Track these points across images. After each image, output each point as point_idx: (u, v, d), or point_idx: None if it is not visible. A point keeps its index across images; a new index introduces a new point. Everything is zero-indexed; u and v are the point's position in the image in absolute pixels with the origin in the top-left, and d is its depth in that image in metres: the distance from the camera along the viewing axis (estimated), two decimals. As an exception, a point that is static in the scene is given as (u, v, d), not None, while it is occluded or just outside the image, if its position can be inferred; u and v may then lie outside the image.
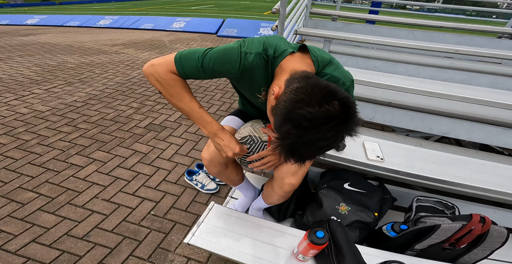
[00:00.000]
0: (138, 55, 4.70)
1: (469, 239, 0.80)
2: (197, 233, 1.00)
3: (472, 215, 0.81)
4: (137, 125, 2.32)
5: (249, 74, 0.72)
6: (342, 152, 1.22)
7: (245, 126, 0.91)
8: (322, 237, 0.77)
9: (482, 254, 0.83)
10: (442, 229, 0.81)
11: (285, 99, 0.56)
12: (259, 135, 0.85)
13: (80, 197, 1.52)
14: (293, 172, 0.86)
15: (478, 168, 1.17)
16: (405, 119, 1.63)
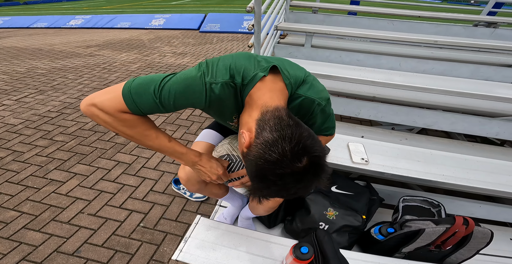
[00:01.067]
0: (116, 56, 4.51)
1: (454, 241, 0.81)
2: (185, 249, 0.98)
3: (455, 217, 0.82)
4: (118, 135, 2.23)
5: (218, 104, 0.65)
6: (327, 155, 1.21)
7: (222, 144, 0.87)
8: (307, 252, 0.76)
9: (468, 254, 0.85)
10: (427, 233, 0.81)
11: (256, 154, 0.52)
12: (237, 154, 0.82)
13: (64, 213, 1.47)
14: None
15: (461, 164, 1.18)
16: (390, 114, 1.65)
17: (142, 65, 4.03)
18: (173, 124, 2.39)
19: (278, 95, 0.62)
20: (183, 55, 4.61)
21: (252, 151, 0.54)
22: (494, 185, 1.03)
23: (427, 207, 1.08)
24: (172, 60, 4.30)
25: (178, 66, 4.00)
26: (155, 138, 0.67)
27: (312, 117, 0.72)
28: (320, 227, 1.06)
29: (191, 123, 2.42)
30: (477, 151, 1.46)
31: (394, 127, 1.88)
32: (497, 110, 1.66)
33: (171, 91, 0.59)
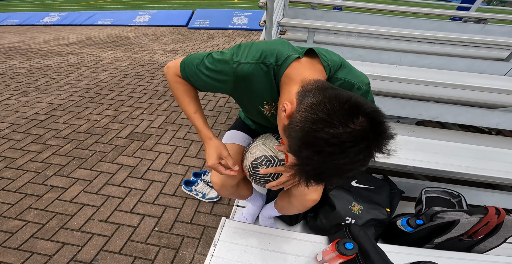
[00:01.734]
0: (101, 54, 4.31)
1: (485, 230, 0.84)
2: (216, 253, 0.96)
3: (487, 208, 0.85)
4: (117, 135, 2.14)
5: (246, 86, 0.66)
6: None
7: (256, 145, 0.82)
8: (352, 248, 0.76)
9: (497, 242, 0.88)
10: (462, 224, 0.84)
11: (300, 119, 0.47)
12: (275, 154, 0.77)
13: (73, 220, 1.40)
14: (313, 187, 0.82)
15: (475, 154, 1.23)
16: (397, 107, 1.68)
17: (132, 63, 3.89)
18: (174, 124, 2.32)
19: (317, 74, 0.60)
20: (174, 53, 4.49)
21: (295, 118, 0.49)
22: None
23: (447, 198, 1.12)
24: (163, 58, 4.17)
25: None
26: (186, 104, 0.75)
27: None
28: (347, 221, 1.06)
29: None
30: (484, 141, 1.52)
31: (399, 120, 1.93)
32: (496, 101, 1.74)
33: (205, 67, 0.66)
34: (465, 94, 1.78)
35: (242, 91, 0.68)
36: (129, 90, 2.97)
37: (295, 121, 0.49)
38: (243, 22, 6.54)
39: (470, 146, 1.31)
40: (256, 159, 0.78)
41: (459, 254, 0.89)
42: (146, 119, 2.39)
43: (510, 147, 1.36)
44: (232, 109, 2.61)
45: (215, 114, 2.51)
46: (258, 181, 0.82)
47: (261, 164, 0.77)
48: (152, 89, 3.01)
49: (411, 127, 1.71)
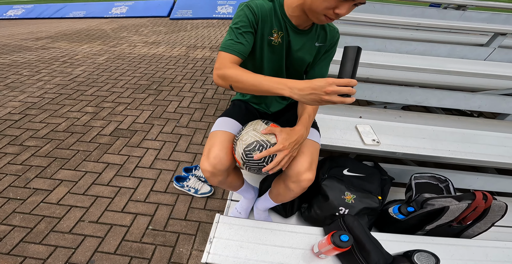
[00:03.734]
0: (76, 48, 4.03)
1: (474, 216, 0.85)
2: (212, 250, 0.93)
3: (475, 193, 0.86)
4: (100, 133, 2.03)
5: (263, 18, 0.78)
6: (339, 139, 1.20)
7: (247, 132, 0.81)
8: (347, 240, 0.75)
9: (484, 227, 0.90)
10: (451, 210, 0.85)
11: None
12: (266, 139, 0.77)
13: (62, 223, 1.34)
14: (307, 166, 0.81)
15: (461, 138, 1.25)
16: (384, 93, 1.68)
17: (111, 56, 3.66)
18: (160, 118, 2.23)
19: None
20: (156, 44, 4.27)
21: None
22: (497, 157, 1.11)
23: (435, 183, 1.13)
24: (145, 50, 3.96)
25: (153, 56, 3.70)
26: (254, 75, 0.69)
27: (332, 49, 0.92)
28: (340, 211, 1.06)
29: (180, 116, 2.27)
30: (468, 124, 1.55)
31: (386, 106, 1.94)
32: (478, 85, 1.78)
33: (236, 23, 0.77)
34: (448, 79, 1.82)
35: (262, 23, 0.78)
36: (109, 85, 2.81)
37: None
38: (228, 11, 6.30)
39: (455, 129, 1.32)
40: (248, 145, 0.77)
41: (449, 240, 0.91)
42: (131, 115, 2.27)
43: (492, 129, 1.40)
44: (221, 100, 2.53)
45: (203, 106, 2.43)
46: (253, 168, 0.79)
47: (254, 150, 0.76)
48: (135, 83, 2.86)
49: (398, 112, 1.73)
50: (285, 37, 0.83)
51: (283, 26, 0.81)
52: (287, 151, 0.76)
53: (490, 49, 1.99)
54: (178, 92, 2.68)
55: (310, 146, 0.88)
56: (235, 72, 0.70)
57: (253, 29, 0.78)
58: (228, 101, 2.52)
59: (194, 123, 2.19)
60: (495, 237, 0.94)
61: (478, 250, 0.88)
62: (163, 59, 3.60)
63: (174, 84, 2.85)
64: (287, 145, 0.75)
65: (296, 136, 0.78)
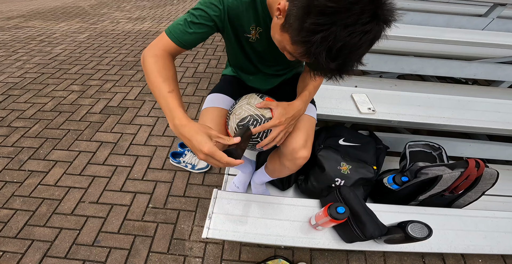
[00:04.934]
0: (52, 27, 3.60)
1: (466, 184, 0.84)
2: (212, 225, 0.92)
3: (468, 161, 0.83)
4: (90, 111, 1.90)
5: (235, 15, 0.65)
6: (335, 108, 1.14)
7: (240, 106, 0.73)
8: (343, 212, 0.73)
9: (475, 196, 0.90)
10: (444, 179, 0.83)
11: (297, 3, 0.44)
12: (261, 113, 0.70)
13: (63, 204, 1.30)
14: (303, 144, 0.76)
15: (455, 104, 1.19)
16: (380, 63, 1.59)
17: (92, 34, 3.30)
18: (151, 95, 2.09)
19: None
20: (141, 20, 3.85)
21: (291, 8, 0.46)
22: (490, 123, 1.07)
23: (429, 151, 1.11)
24: (129, 26, 3.57)
25: (139, 33, 3.35)
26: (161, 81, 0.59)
27: None
28: (336, 183, 1.04)
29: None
30: (463, 91, 1.50)
31: (382, 75, 1.84)
32: (474, 54, 1.71)
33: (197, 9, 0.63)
34: (444, 48, 1.73)
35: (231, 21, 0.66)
36: (94, 63, 2.57)
37: (292, 9, 0.46)
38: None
39: (450, 96, 1.27)
40: (242, 119, 0.70)
41: (441, 210, 0.91)
42: (120, 92, 2.12)
43: (486, 95, 1.35)
44: (214, 74, 2.37)
45: (196, 80, 2.27)
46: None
47: (248, 124, 0.69)
48: (122, 60, 2.62)
49: (394, 81, 1.65)
50: (264, 33, 0.70)
51: (262, 21, 0.67)
52: (283, 127, 0.69)
53: (489, 20, 1.84)
54: None
55: (306, 122, 0.81)
56: (153, 66, 0.61)
57: (214, 23, 0.65)
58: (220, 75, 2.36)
59: (187, 97, 2.06)
60: (484, 206, 0.95)
61: (468, 220, 0.89)
62: (149, 35, 3.28)
63: None
64: (283, 120, 0.68)
65: (293, 111, 0.70)
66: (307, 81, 0.81)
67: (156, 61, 0.61)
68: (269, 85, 0.95)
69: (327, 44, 0.41)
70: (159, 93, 0.58)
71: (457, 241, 0.75)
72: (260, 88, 0.95)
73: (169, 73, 0.61)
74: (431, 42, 1.41)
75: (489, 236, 0.85)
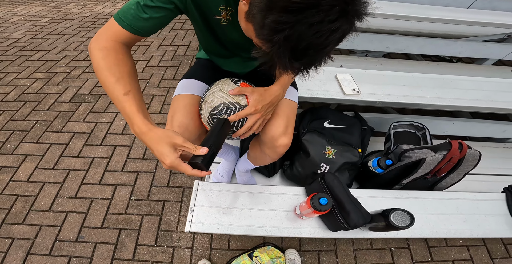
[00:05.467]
0: (8, 11, 3.13)
1: (448, 167, 0.82)
2: (194, 219, 0.87)
3: (451, 142, 0.81)
4: (58, 100, 1.72)
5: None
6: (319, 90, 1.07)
7: (212, 93, 0.64)
8: (326, 203, 0.70)
9: (457, 178, 0.89)
10: (427, 163, 0.80)
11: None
12: (235, 100, 0.62)
13: (39, 201, 1.22)
14: (282, 131, 0.69)
15: (440, 84, 1.16)
16: (365, 42, 1.52)
17: (55, 18, 2.90)
18: (125, 78, 1.91)
19: None
20: (112, 2, 3.40)
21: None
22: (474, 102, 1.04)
23: (413, 131, 1.08)
24: (98, 9, 3.16)
25: (109, 15, 2.98)
26: (115, 81, 0.49)
27: None
28: (321, 168, 1.01)
29: (149, 76, 1.95)
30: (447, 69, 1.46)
31: (368, 54, 1.76)
32: (460, 32, 1.65)
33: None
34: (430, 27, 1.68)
35: (197, 4, 0.55)
36: (59, 48, 2.29)
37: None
38: None
39: (434, 75, 1.22)
40: (215, 108, 0.62)
41: (423, 194, 0.90)
42: (91, 78, 1.92)
43: (470, 73, 1.31)
44: (194, 57, 2.18)
45: (175, 64, 2.08)
46: None
47: (221, 113, 0.61)
48: None
49: (379, 60, 1.57)
50: (236, 14, 0.57)
51: (233, 0, 0.55)
52: (259, 115, 0.61)
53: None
54: (144, 51, 2.24)
55: (286, 107, 0.73)
56: (101, 62, 0.50)
57: (173, 5, 0.53)
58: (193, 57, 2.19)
59: (166, 82, 1.90)
60: (464, 186, 0.95)
61: (449, 203, 0.89)
62: None
63: (139, 43, 2.36)
64: (259, 107, 0.60)
65: (270, 97, 0.62)
66: None
67: (105, 55, 0.50)
68: (247, 68, 0.84)
69: (289, 44, 0.35)
70: (112, 96, 0.49)
71: (438, 225, 0.75)
72: (237, 71, 0.84)
73: (123, 69, 0.51)
74: (416, 20, 1.34)
75: (470, 219, 0.86)
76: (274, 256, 1.06)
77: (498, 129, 1.29)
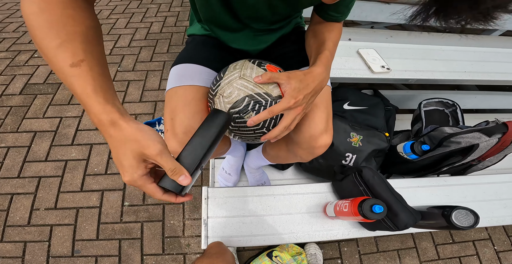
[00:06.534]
0: None
1: (497, 151, 0.72)
2: (210, 233, 0.73)
3: (506, 124, 0.70)
4: (6, 92, 1.39)
5: None
6: (343, 69, 0.91)
7: (230, 82, 0.45)
8: (381, 212, 0.58)
9: (496, 160, 0.80)
10: (480, 148, 0.70)
11: None
12: (265, 91, 0.43)
13: (13, 215, 1.04)
14: (324, 127, 0.53)
15: (473, 56, 1.04)
16: (375, 12, 1.35)
17: None
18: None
19: None
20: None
21: None
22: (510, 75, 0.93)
23: (442, 108, 0.96)
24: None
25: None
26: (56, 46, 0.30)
27: None
28: (347, 158, 0.88)
29: (120, 58, 1.61)
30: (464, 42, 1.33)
31: (373, 25, 1.55)
32: None
33: None
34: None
35: None
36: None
37: None
38: None
39: (466, 48, 1.10)
40: (236, 103, 0.44)
41: (462, 179, 0.83)
42: (43, 64, 1.54)
43: (486, 45, 1.19)
44: (174, 34, 1.81)
45: (151, 43, 1.72)
46: (246, 137, 0.49)
47: (247, 111, 0.44)
48: None
49: (388, 32, 1.42)
50: None
51: None
52: (301, 108, 0.44)
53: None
54: (109, 30, 1.82)
55: (324, 94, 0.56)
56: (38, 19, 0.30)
57: None
58: (184, 34, 1.81)
59: (143, 64, 1.58)
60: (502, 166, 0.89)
61: (488, 188, 0.83)
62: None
63: (101, 21, 1.91)
64: (301, 98, 0.42)
65: (314, 83, 0.44)
66: (322, 36, 0.54)
67: (43, 9, 0.30)
68: (261, 44, 0.63)
69: None
70: (55, 68, 0.31)
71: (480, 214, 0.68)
72: (248, 49, 0.63)
73: (74, 28, 0.31)
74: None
75: (509, 204, 0.80)
76: (295, 253, 0.99)
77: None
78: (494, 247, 1.10)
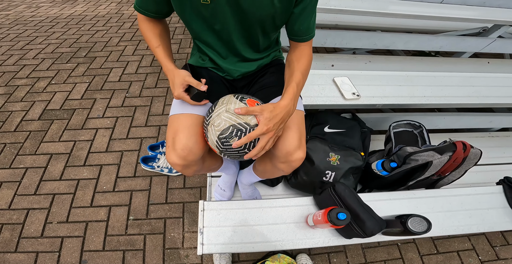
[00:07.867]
0: None
1: (452, 167, 0.86)
2: (205, 241, 0.85)
3: (455, 144, 0.84)
4: (26, 118, 1.58)
5: None
6: (319, 96, 1.08)
7: (218, 114, 0.61)
8: (345, 218, 0.70)
9: (458, 175, 0.93)
10: (434, 165, 0.83)
11: None
12: (245, 121, 0.59)
13: (28, 228, 1.15)
14: (297, 144, 0.68)
15: (433, 81, 1.20)
16: (354, 39, 1.56)
17: (4, 22, 2.60)
18: (103, 91, 1.78)
19: None
20: (71, 3, 3.08)
21: None
22: (466, 99, 1.10)
23: (410, 130, 1.12)
24: (55, 11, 2.86)
25: (71, 18, 2.71)
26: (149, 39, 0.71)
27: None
28: (327, 175, 1.01)
29: (128, 84, 1.83)
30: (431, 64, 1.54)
31: (355, 51, 1.78)
32: (438, 27, 1.77)
33: None
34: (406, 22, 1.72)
35: None
36: (15, 57, 2.07)
37: None
38: None
39: (427, 73, 1.27)
40: (223, 131, 0.59)
41: (428, 192, 0.95)
42: (60, 91, 1.76)
43: (454, 69, 1.38)
44: (177, 60, 2.08)
45: (156, 70, 1.99)
46: (232, 155, 0.64)
47: (231, 137, 0.59)
48: (53, 52, 2.14)
49: (367, 57, 1.62)
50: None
51: None
52: (272, 133, 0.60)
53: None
54: (118, 57, 2.09)
55: (296, 118, 0.72)
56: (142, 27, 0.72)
57: None
58: (185, 61, 2.07)
59: (148, 90, 1.80)
60: (463, 180, 1.01)
61: (454, 200, 0.94)
62: (86, 20, 2.68)
63: (111, 48, 2.19)
64: (271, 126, 0.58)
65: (281, 114, 0.60)
66: (292, 66, 0.70)
67: (141, 26, 0.73)
68: (243, 69, 0.81)
69: None
70: (152, 48, 0.71)
71: (447, 223, 0.79)
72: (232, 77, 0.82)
73: (156, 31, 0.71)
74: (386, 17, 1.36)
75: (474, 214, 0.92)
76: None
77: (485, 120, 1.38)
78: (478, 257, 1.17)
